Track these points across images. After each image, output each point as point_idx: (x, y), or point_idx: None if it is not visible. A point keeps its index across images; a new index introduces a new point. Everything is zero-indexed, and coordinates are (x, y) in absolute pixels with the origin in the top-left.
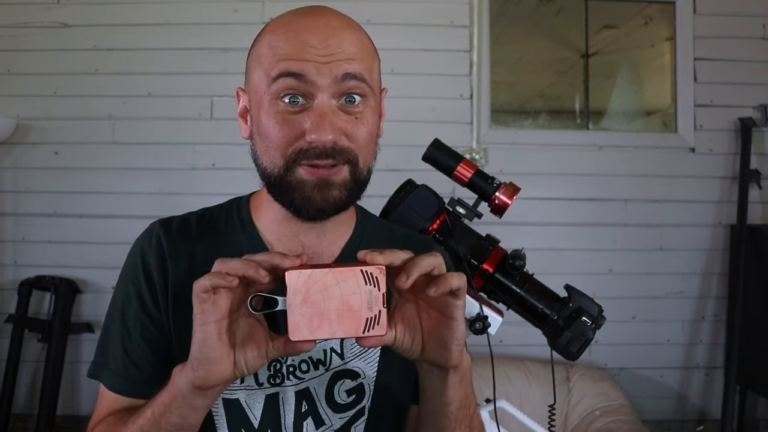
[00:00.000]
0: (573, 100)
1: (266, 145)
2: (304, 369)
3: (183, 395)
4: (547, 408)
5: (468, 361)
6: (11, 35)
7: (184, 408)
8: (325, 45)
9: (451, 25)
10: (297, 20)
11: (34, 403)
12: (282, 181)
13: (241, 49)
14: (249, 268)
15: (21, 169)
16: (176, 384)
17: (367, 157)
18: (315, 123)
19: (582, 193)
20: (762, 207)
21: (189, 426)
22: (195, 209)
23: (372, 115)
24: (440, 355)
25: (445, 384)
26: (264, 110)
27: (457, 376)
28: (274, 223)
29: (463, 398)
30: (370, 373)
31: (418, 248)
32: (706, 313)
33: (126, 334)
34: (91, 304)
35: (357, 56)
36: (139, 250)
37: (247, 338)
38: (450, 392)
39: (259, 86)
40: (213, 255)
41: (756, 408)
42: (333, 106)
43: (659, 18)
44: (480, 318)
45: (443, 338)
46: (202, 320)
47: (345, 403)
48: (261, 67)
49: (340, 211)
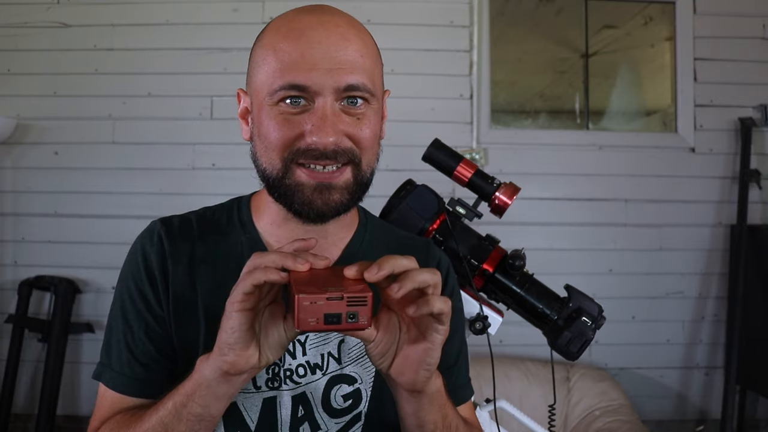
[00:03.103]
0: (573, 100)
1: (265, 146)
2: (301, 373)
3: (208, 383)
4: (547, 408)
5: (437, 386)
6: (11, 35)
7: (208, 396)
8: (329, 57)
9: (451, 25)
10: (301, 26)
11: (34, 403)
12: (281, 183)
13: (241, 49)
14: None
15: (21, 169)
16: (201, 372)
17: (370, 159)
18: (316, 125)
19: (582, 193)
20: (762, 207)
21: (210, 417)
22: (195, 209)
23: (374, 117)
24: (403, 375)
25: (416, 406)
26: (265, 112)
27: (426, 399)
28: (274, 224)
29: (440, 420)
30: (367, 379)
31: (418, 251)
32: (706, 313)
33: (129, 333)
34: (91, 304)
35: (359, 66)
36: (140, 249)
37: (269, 323)
38: (422, 414)
39: (261, 90)
40: (213, 255)
41: (756, 408)
42: (335, 107)
43: (659, 18)
44: (480, 318)
45: (414, 360)
46: (240, 307)
47: (341, 408)
48: (263, 71)
49: (341, 213)
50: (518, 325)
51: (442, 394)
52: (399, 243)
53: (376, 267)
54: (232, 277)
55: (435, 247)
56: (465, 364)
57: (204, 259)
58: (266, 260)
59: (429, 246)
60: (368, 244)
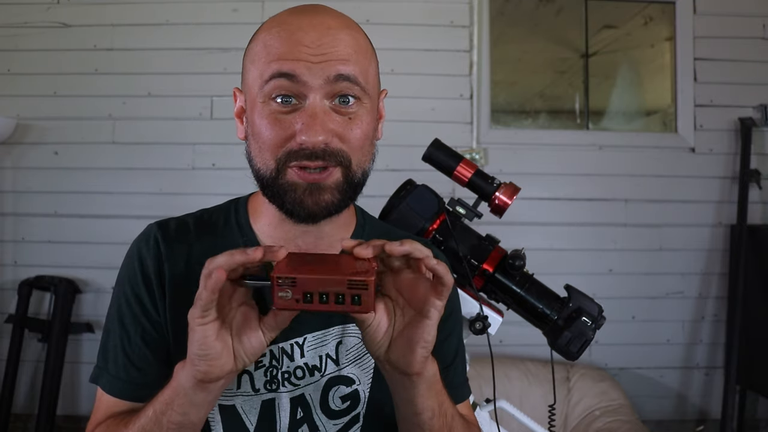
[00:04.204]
0: (573, 100)
1: (259, 146)
2: (299, 375)
3: (185, 391)
4: (547, 408)
5: (433, 370)
6: (11, 35)
7: (186, 404)
8: (318, 44)
9: (451, 25)
10: (292, 19)
11: (34, 403)
12: (274, 183)
13: (241, 49)
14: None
15: (21, 169)
16: (178, 380)
17: (361, 159)
18: (306, 124)
19: (582, 193)
20: (762, 207)
21: (190, 424)
22: (194, 209)
23: (367, 117)
24: (403, 357)
25: (413, 392)
26: (257, 111)
27: (424, 385)
28: (271, 226)
29: (436, 407)
30: (365, 380)
31: None
32: (706, 313)
33: (126, 338)
34: (91, 304)
35: (351, 57)
36: (136, 253)
37: (243, 327)
38: (419, 401)
39: (253, 87)
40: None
41: (756, 408)
42: (325, 106)
43: (659, 18)
44: (480, 318)
45: (412, 338)
46: (200, 321)
47: (339, 409)
48: (255, 67)
49: (333, 214)
50: (518, 325)
51: (438, 380)
52: None
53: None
54: None
55: (434, 248)
56: (462, 364)
57: (201, 261)
58: (216, 263)
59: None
60: None
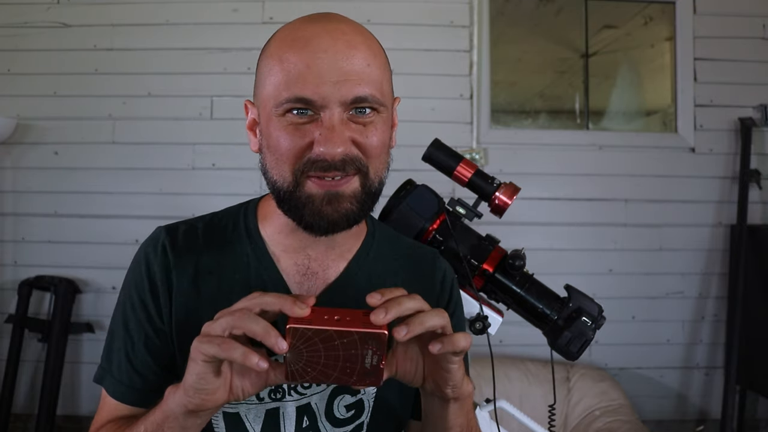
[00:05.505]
0: (573, 100)
1: (275, 158)
2: (306, 384)
3: (175, 416)
4: (547, 408)
5: (469, 390)
6: (11, 35)
7: (176, 428)
8: (336, 68)
9: (451, 25)
10: (306, 35)
11: (34, 403)
12: (292, 196)
13: (241, 49)
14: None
15: (21, 169)
16: (168, 405)
17: (378, 167)
18: (324, 135)
19: (582, 193)
20: (762, 207)
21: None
22: (196, 210)
23: (383, 125)
24: (438, 390)
25: (446, 411)
26: (273, 124)
27: (457, 404)
28: (281, 234)
29: (464, 424)
30: (370, 389)
31: (424, 262)
32: (706, 313)
33: (130, 343)
34: (91, 304)
35: (366, 76)
36: (143, 258)
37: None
38: (451, 418)
39: (268, 102)
40: (219, 266)
41: (756, 408)
42: (343, 117)
43: (659, 18)
44: (480, 318)
45: (438, 381)
46: (203, 358)
47: (344, 418)
48: (270, 82)
49: (352, 224)
50: (518, 325)
51: (471, 398)
52: (406, 255)
53: (383, 311)
54: (238, 289)
55: (441, 258)
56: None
57: (209, 269)
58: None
59: (435, 257)
60: (375, 256)
